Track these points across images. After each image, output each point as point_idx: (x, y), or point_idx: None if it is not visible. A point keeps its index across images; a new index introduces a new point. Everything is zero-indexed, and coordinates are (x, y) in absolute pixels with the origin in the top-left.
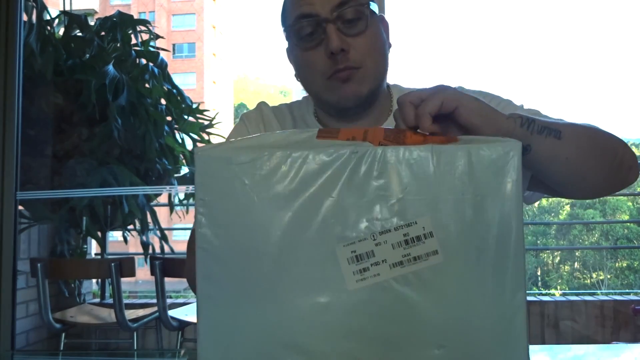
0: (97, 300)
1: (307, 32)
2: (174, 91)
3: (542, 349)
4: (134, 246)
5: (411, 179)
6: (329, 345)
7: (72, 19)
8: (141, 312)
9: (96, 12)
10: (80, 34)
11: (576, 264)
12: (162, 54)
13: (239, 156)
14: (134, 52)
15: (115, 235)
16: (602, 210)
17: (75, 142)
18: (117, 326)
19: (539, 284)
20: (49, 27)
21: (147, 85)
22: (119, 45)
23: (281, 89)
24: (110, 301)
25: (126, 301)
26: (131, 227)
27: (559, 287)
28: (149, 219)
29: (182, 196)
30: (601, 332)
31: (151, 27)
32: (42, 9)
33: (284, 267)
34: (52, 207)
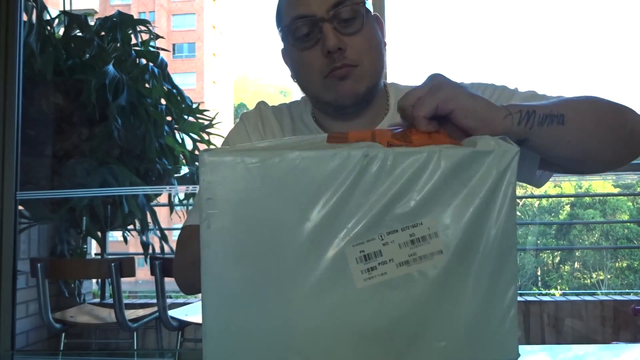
0: (97, 300)
1: (303, 33)
2: (174, 91)
3: (542, 349)
4: (134, 246)
5: (417, 181)
6: (337, 342)
7: (72, 19)
8: (141, 312)
9: (96, 12)
10: (80, 34)
11: (576, 264)
12: (162, 54)
13: (250, 157)
14: (134, 52)
15: (115, 235)
16: (602, 210)
17: (75, 142)
18: (117, 326)
19: (539, 284)
20: (49, 27)
21: (147, 85)
22: (119, 45)
23: (281, 89)
24: (110, 301)
25: (126, 301)
26: (131, 227)
27: (559, 287)
28: (149, 219)
29: (182, 196)
30: (601, 332)
31: (151, 27)
32: (42, 9)
33: (293, 267)
34: (52, 207)
